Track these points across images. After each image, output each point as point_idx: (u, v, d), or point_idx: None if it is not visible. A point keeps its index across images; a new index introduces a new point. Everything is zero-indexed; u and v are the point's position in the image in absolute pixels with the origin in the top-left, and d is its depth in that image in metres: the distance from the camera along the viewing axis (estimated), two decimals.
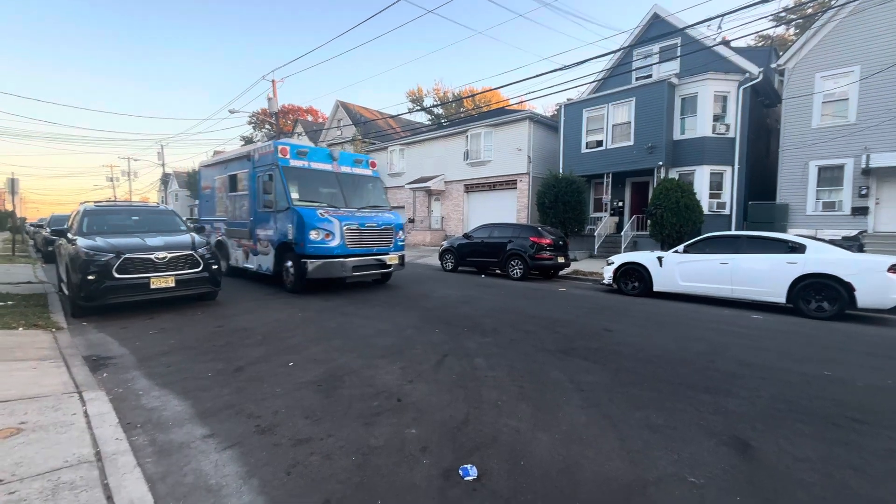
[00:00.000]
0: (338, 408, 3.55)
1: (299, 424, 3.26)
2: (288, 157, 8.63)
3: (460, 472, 2.64)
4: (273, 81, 21.09)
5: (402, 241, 9.91)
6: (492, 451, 2.91)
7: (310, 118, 48.87)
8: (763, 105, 18.63)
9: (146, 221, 8.02)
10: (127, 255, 6.43)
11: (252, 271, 9.80)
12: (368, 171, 10.09)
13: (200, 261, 7.07)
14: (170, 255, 6.76)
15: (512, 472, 2.67)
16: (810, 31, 15.61)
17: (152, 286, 6.56)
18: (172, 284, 6.74)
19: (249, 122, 53.65)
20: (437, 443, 3.01)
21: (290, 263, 8.68)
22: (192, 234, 7.83)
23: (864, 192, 14.78)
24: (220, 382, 4.10)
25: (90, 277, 6.20)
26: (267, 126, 44.64)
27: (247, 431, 3.14)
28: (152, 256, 6.61)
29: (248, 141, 56.19)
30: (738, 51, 17.62)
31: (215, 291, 7.73)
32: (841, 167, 15.20)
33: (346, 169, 9.56)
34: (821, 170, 15.59)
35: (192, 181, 40.48)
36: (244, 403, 3.62)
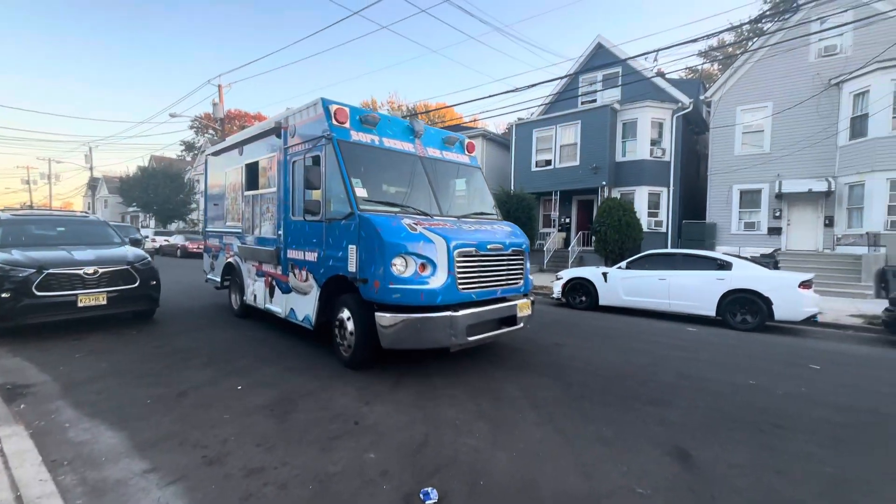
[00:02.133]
0: (293, 433, 3.42)
1: (251, 453, 3.11)
2: (347, 125, 5.01)
3: (421, 495, 2.63)
4: (220, 86, 20.21)
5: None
6: (452, 471, 2.92)
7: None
8: (693, 132, 20.33)
9: (73, 233, 7.33)
10: (50, 271, 5.87)
11: (279, 317, 6.00)
12: (465, 158, 6.33)
13: (136, 276, 6.58)
14: (102, 270, 6.24)
15: (472, 494, 2.69)
16: (732, 69, 17.34)
17: (80, 304, 6.02)
18: (104, 302, 6.21)
19: (191, 127, 50.82)
20: (397, 466, 2.98)
21: (346, 315, 4.91)
22: (129, 247, 7.25)
23: (777, 214, 16.47)
24: (161, 410, 3.82)
25: (4, 295, 5.60)
26: (210, 131, 42.54)
27: (193, 463, 2.95)
28: (80, 272, 6.07)
29: (189, 147, 52.27)
30: (672, 82, 19.16)
31: (153, 309, 7.17)
32: (759, 191, 16.85)
33: (433, 152, 5.84)
34: (742, 193, 17.20)
35: (124, 187, 37.43)
36: (189, 432, 3.40)
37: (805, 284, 7.94)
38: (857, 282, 13.22)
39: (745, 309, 8.28)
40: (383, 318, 4.39)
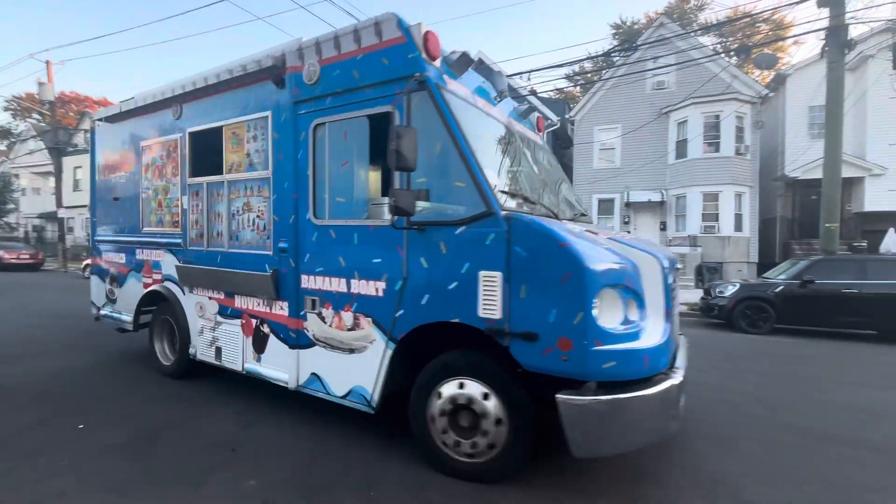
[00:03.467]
0: (154, 472, 2.96)
1: (102, 501, 2.61)
2: (439, 64, 3.07)
3: None
4: (48, 62, 14.57)
5: None
6: (343, 486, 2.76)
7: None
8: (561, 147, 22.76)
9: None
10: None
11: (281, 386, 3.75)
12: (538, 138, 4.60)
13: None
14: None
15: None
16: (590, 93, 19.95)
17: None
18: None
19: (7, 109, 37.40)
20: (282, 491, 2.73)
21: (479, 392, 2.77)
22: None
23: (626, 220, 19.52)
24: None
25: None
26: (36, 115, 32.27)
27: None
28: None
29: (4, 133, 39.94)
30: (543, 101, 21.05)
31: None
32: (612, 200, 19.74)
33: (518, 127, 4.04)
34: (600, 201, 19.92)
35: None
36: (8, 491, 2.69)
37: None
38: (682, 276, 16.49)
39: None
40: (588, 404, 2.42)
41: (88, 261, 8.18)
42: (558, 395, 2.47)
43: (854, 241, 14.17)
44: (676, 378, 2.66)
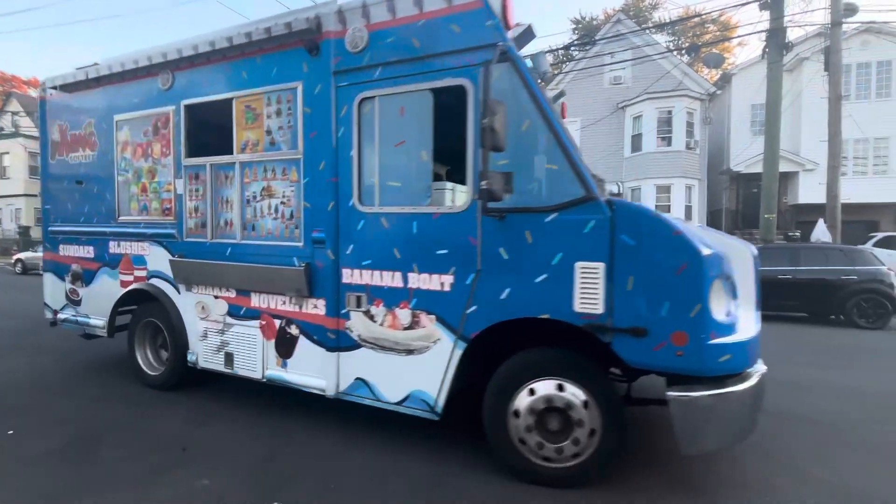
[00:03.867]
0: (96, 477, 2.77)
1: None
2: (512, 35, 2.73)
3: None
4: None
5: None
6: (301, 481, 2.71)
7: (33, 93, 31.05)
8: None
9: None
10: None
11: (316, 394, 3.30)
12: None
13: None
14: None
15: (324, 498, 2.53)
16: (550, 88, 20.26)
17: None
18: None
19: None
20: (237, 489, 2.64)
21: (575, 396, 2.53)
22: None
23: None
24: None
25: None
26: None
27: None
28: None
29: None
30: None
31: None
32: None
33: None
34: None
35: None
36: None
37: None
38: None
39: None
40: (700, 399, 2.29)
41: (20, 255, 6.97)
42: (669, 392, 2.34)
43: (789, 231, 15.59)
44: (763, 368, 2.63)
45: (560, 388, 2.56)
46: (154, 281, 4.08)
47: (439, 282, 2.84)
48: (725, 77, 19.20)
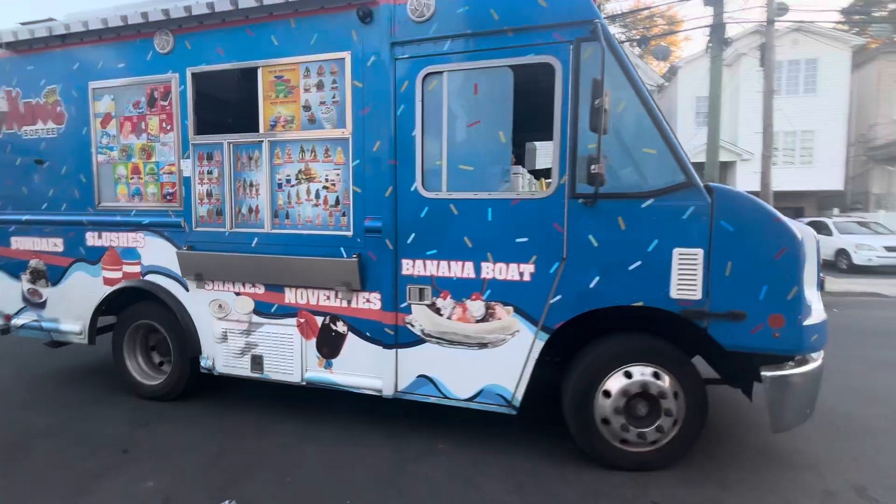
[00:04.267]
0: (25, 487, 2.61)
1: None
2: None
3: None
4: None
5: None
6: (256, 476, 2.67)
7: None
8: None
9: None
10: None
11: (367, 394, 3.04)
12: None
13: None
14: None
15: (279, 492, 2.51)
16: None
17: None
18: None
19: None
20: (185, 488, 2.55)
21: (669, 385, 2.55)
22: None
23: None
24: None
25: None
26: None
27: None
28: None
29: None
30: None
31: None
32: None
33: None
34: None
35: None
36: None
37: None
38: None
39: None
40: (791, 377, 2.40)
41: None
42: (765, 372, 2.42)
43: None
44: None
45: (656, 375, 2.56)
46: (152, 277, 3.53)
47: (518, 271, 2.70)
48: (673, 70, 20.33)
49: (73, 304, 3.79)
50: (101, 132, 3.56)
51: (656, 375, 2.56)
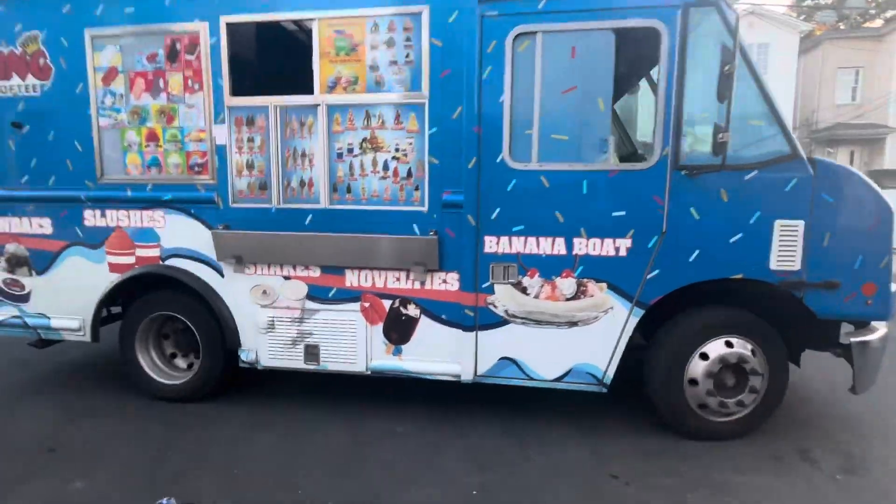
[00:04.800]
0: None
1: None
2: None
3: None
4: None
5: None
6: (201, 471, 2.51)
7: None
8: None
9: None
10: None
11: (442, 380, 2.84)
12: None
13: None
14: None
15: (225, 486, 2.40)
16: None
17: None
18: None
19: None
20: (121, 487, 2.39)
21: (751, 350, 2.60)
22: None
23: None
24: None
25: None
26: None
27: None
28: None
29: None
30: None
31: None
32: None
33: None
34: None
35: None
36: None
37: None
38: None
39: None
40: (874, 342, 2.52)
41: None
42: (853, 338, 2.53)
43: None
44: None
45: (753, 352, 2.61)
46: (175, 262, 3.07)
47: (613, 247, 2.62)
48: None
49: (67, 296, 3.23)
50: (104, 90, 3.00)
51: (753, 352, 2.60)
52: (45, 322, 3.30)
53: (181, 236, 3.03)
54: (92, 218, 3.12)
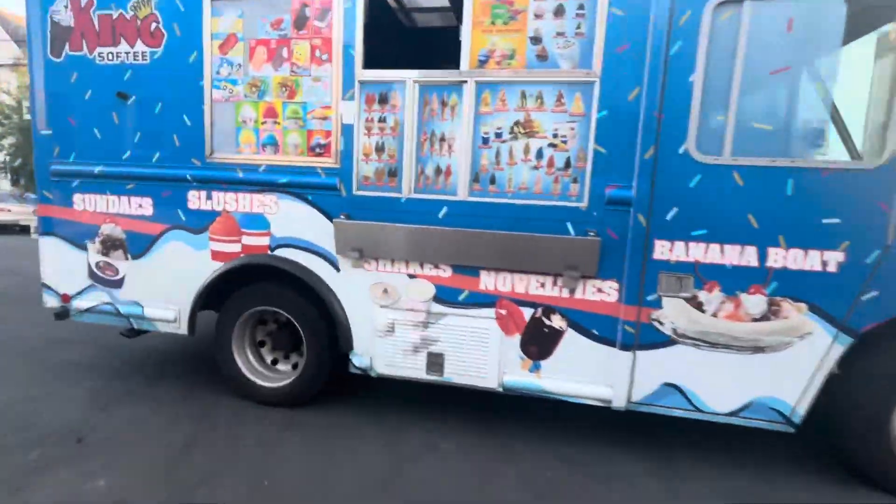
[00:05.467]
0: None
1: None
2: None
3: None
4: None
5: None
6: (227, 476, 2.33)
7: None
8: None
9: None
10: None
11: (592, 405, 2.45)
12: None
13: None
14: None
15: (253, 499, 2.22)
16: None
17: None
18: None
19: None
20: (143, 488, 2.23)
21: None
22: None
23: None
24: None
25: None
26: None
27: None
28: None
29: None
30: None
31: None
32: None
33: None
34: None
35: None
36: None
37: None
38: None
39: None
40: None
41: None
42: None
43: None
44: None
45: None
46: (285, 252, 2.77)
47: (820, 260, 2.18)
48: None
49: (164, 284, 2.98)
50: (221, 59, 2.72)
51: None
52: (138, 310, 3.06)
53: (294, 225, 2.73)
54: (196, 200, 2.86)
